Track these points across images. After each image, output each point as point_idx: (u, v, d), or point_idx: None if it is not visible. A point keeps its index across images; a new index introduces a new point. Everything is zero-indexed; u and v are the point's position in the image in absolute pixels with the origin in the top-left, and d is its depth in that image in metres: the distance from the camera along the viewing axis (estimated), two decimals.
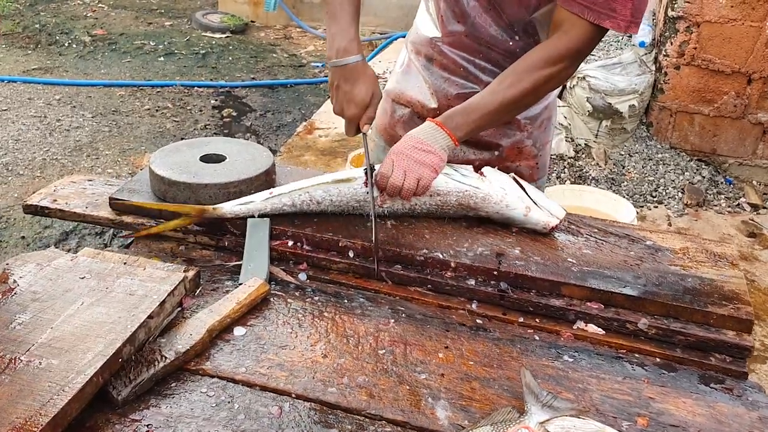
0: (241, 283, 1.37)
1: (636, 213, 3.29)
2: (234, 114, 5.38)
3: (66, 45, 6.56)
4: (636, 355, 1.30)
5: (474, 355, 1.26)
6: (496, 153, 1.75)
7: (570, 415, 1.09)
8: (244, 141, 1.80)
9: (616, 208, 3.31)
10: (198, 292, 1.37)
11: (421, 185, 1.47)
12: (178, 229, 1.53)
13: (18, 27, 6.84)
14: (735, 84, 4.13)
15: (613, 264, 1.47)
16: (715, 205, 4.10)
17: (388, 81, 1.87)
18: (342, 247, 1.49)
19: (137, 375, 1.13)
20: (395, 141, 1.77)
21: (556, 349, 1.30)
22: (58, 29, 6.88)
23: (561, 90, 4.38)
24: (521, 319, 1.37)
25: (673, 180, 4.19)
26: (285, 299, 1.37)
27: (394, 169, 1.47)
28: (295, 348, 1.24)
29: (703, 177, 4.24)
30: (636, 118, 4.35)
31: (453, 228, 1.56)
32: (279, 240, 1.52)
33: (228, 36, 7.17)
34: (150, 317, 1.19)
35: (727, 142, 4.29)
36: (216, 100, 5.60)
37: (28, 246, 3.55)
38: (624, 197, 3.83)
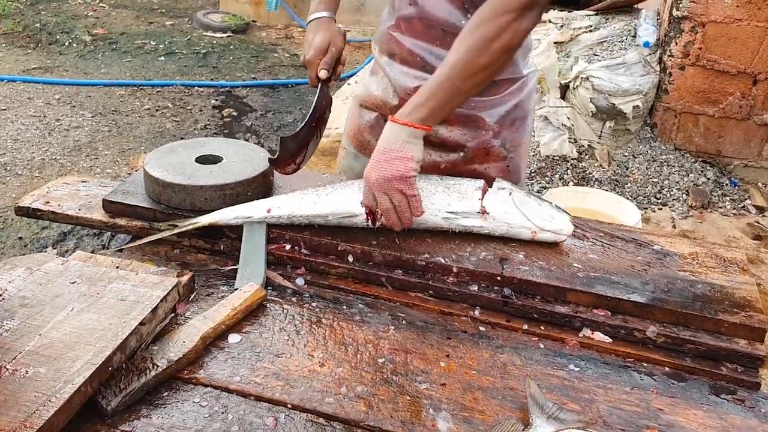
0: (237, 288, 1.33)
1: (640, 215, 3.25)
2: (234, 114, 5.34)
3: (66, 44, 6.52)
4: (644, 365, 1.26)
5: (477, 364, 1.22)
6: (461, 154, 1.68)
7: (576, 428, 1.06)
8: (241, 142, 1.76)
9: (620, 210, 3.27)
10: (192, 297, 1.33)
11: (408, 195, 1.38)
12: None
13: (18, 26, 6.81)
14: (740, 85, 4.09)
15: (620, 269, 1.43)
16: (720, 207, 4.05)
17: (357, 85, 1.85)
18: (341, 252, 1.45)
19: (128, 384, 1.09)
20: (364, 146, 1.79)
21: (561, 358, 1.26)
22: (58, 28, 6.85)
23: (564, 91, 4.35)
24: (525, 327, 1.33)
25: (678, 182, 4.15)
26: (282, 305, 1.34)
27: (375, 198, 1.40)
28: (292, 356, 1.20)
29: (708, 179, 4.20)
30: (640, 119, 4.30)
31: (455, 232, 1.52)
32: (276, 244, 1.48)
33: (229, 35, 7.14)
34: (142, 324, 1.16)
35: (733, 143, 4.25)
36: (216, 99, 5.57)
37: (25, 247, 3.52)
38: (628, 199, 3.79)
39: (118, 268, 1.33)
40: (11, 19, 6.94)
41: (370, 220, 1.46)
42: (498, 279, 1.39)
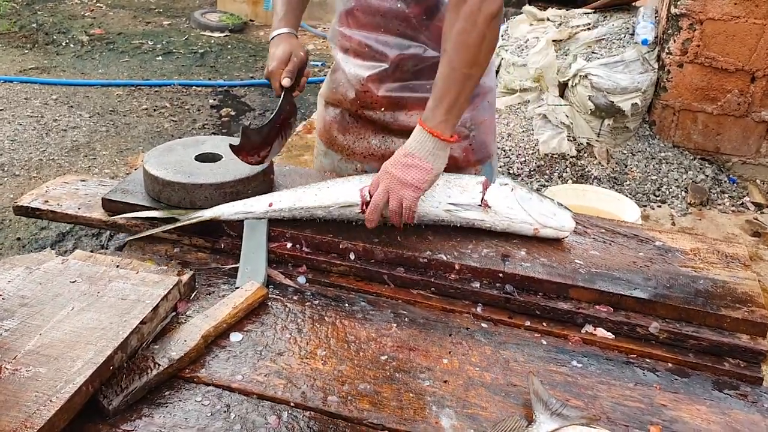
0: (238, 287, 1.33)
1: (640, 212, 3.25)
2: (232, 113, 5.33)
3: (63, 44, 6.51)
4: (647, 360, 1.25)
5: (479, 361, 1.21)
6: None
7: (580, 424, 1.05)
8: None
9: (619, 207, 3.26)
10: (193, 296, 1.33)
11: (405, 207, 1.40)
12: (172, 231, 1.48)
13: (15, 26, 6.80)
14: (738, 82, 4.09)
15: (622, 265, 1.42)
16: (719, 205, 4.05)
17: (323, 85, 1.89)
18: (343, 249, 1.45)
19: (129, 383, 1.08)
20: (331, 143, 1.82)
21: (564, 354, 1.25)
22: (55, 29, 6.84)
23: (562, 89, 4.34)
24: (528, 323, 1.33)
25: (677, 179, 4.15)
26: (283, 303, 1.33)
27: (379, 189, 1.41)
28: (294, 354, 1.19)
29: (707, 176, 4.19)
30: (639, 116, 4.30)
31: (457, 229, 1.51)
32: (277, 242, 1.47)
33: (227, 35, 7.13)
34: (143, 323, 1.15)
35: (731, 140, 4.25)
36: (214, 99, 5.56)
37: (23, 248, 3.51)
38: (627, 196, 3.79)
39: (118, 267, 1.32)
40: (8, 20, 6.93)
41: (363, 207, 1.46)
42: (500, 276, 1.38)
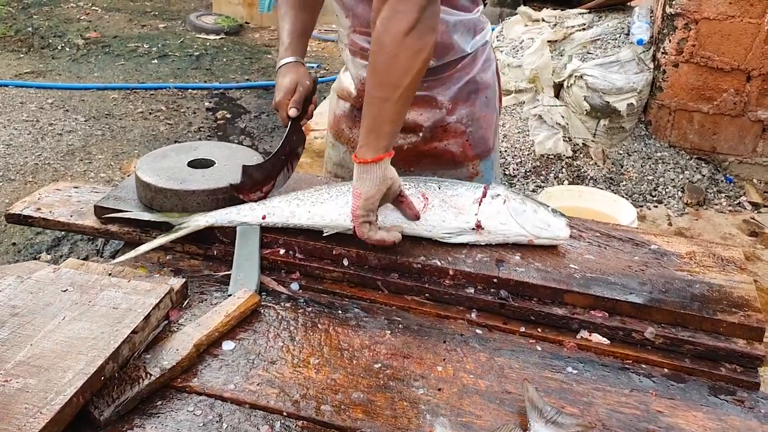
0: (231, 294, 1.32)
1: (636, 213, 3.24)
2: (228, 116, 5.32)
3: (59, 48, 6.50)
4: (643, 366, 1.25)
5: (474, 368, 1.21)
6: (420, 134, 1.72)
7: None
8: (233, 145, 1.75)
9: (616, 208, 3.25)
10: (185, 304, 1.32)
11: (371, 223, 1.39)
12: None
13: (10, 30, 6.78)
14: (734, 81, 4.08)
15: (617, 270, 1.42)
16: (716, 204, 4.05)
17: (336, 81, 1.93)
18: (336, 255, 1.44)
19: (120, 394, 1.07)
20: (339, 135, 1.88)
21: (559, 360, 1.24)
22: (50, 32, 6.82)
23: (558, 90, 4.34)
24: (522, 329, 1.32)
25: (673, 179, 4.14)
26: (276, 311, 1.32)
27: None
28: (287, 363, 1.18)
29: (703, 175, 4.19)
30: (634, 116, 4.29)
31: None
32: (270, 248, 1.46)
33: (222, 37, 7.12)
34: (134, 332, 1.14)
35: (727, 140, 4.24)
36: (210, 102, 5.55)
37: (19, 252, 3.50)
38: (623, 197, 3.78)
39: (110, 275, 1.31)
40: (3, 24, 6.91)
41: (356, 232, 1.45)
42: (494, 281, 1.37)
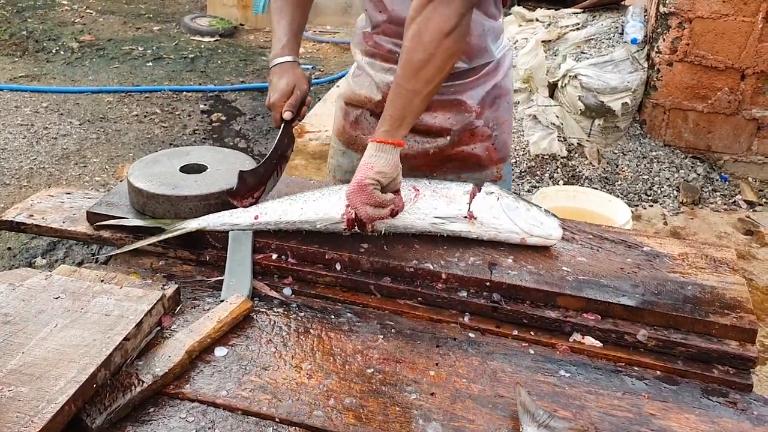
0: (223, 300, 1.32)
1: (631, 213, 3.24)
2: (223, 118, 5.31)
3: (53, 52, 6.48)
4: (635, 369, 1.25)
5: (467, 372, 1.21)
6: (448, 138, 1.72)
7: None
8: (226, 150, 1.74)
9: (610, 208, 3.25)
10: (178, 309, 1.32)
11: (373, 204, 1.40)
12: (157, 243, 1.47)
13: (4, 34, 6.76)
14: (728, 80, 4.09)
15: (610, 272, 1.42)
16: (711, 203, 4.05)
17: (340, 86, 1.89)
18: (328, 260, 1.44)
19: (113, 401, 1.07)
20: (351, 142, 1.85)
21: (552, 364, 1.24)
22: (45, 36, 6.81)
23: (552, 90, 4.34)
24: (515, 332, 1.32)
25: (668, 178, 4.15)
26: (269, 316, 1.32)
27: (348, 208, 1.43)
28: (279, 369, 1.18)
29: (698, 174, 4.19)
30: (629, 116, 4.30)
31: (443, 237, 1.50)
32: (262, 253, 1.46)
33: (217, 39, 7.10)
34: (126, 339, 1.14)
35: (722, 138, 4.24)
36: (205, 104, 5.54)
37: (14, 257, 3.49)
38: (618, 196, 3.79)
39: (102, 281, 1.31)
40: None
41: (349, 228, 1.46)
42: (487, 284, 1.37)
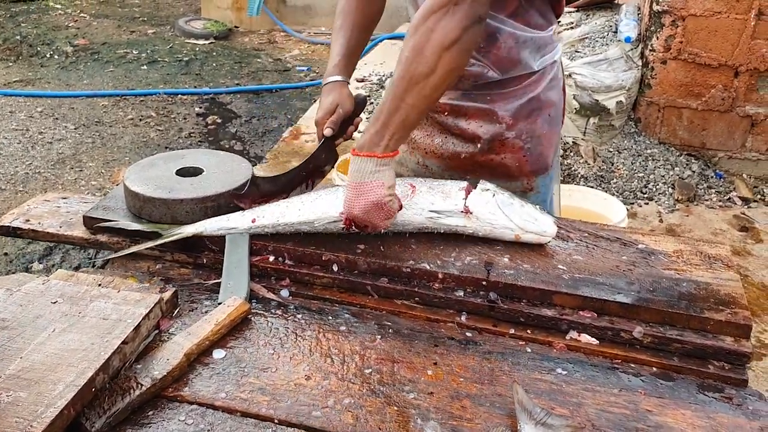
0: (221, 303, 1.32)
1: (626, 210, 3.25)
2: (219, 121, 5.31)
3: (47, 56, 6.48)
4: (632, 365, 1.26)
5: (464, 371, 1.21)
6: (479, 146, 1.71)
7: None
8: (222, 152, 1.75)
9: (606, 207, 3.26)
10: (176, 313, 1.32)
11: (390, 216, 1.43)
12: (154, 247, 1.48)
13: None
14: (722, 77, 4.10)
15: (605, 270, 1.43)
16: (706, 200, 4.06)
17: None
18: (325, 261, 1.45)
19: (112, 405, 1.07)
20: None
21: (548, 362, 1.25)
22: (39, 40, 6.80)
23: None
24: (512, 331, 1.33)
25: (663, 176, 4.16)
26: (266, 318, 1.32)
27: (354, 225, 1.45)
28: (278, 370, 1.19)
29: (693, 171, 4.21)
30: (624, 114, 4.31)
31: (440, 237, 1.51)
32: (259, 255, 1.47)
33: (211, 42, 7.11)
34: (124, 342, 1.14)
35: (716, 135, 4.26)
36: (200, 107, 5.54)
37: (11, 262, 3.49)
38: (614, 194, 3.80)
39: (100, 285, 1.31)
40: None
41: (347, 229, 1.47)
42: (483, 284, 1.38)
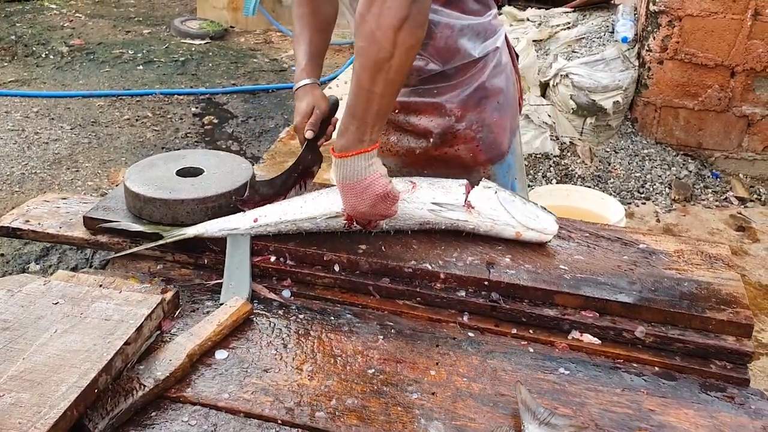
0: (222, 303, 1.32)
1: (624, 210, 3.26)
2: (215, 121, 5.30)
3: (43, 56, 6.45)
4: (634, 365, 1.26)
5: (467, 371, 1.21)
6: (431, 140, 1.71)
7: None
8: (222, 153, 1.74)
9: (604, 206, 3.27)
10: (177, 313, 1.32)
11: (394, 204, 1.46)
12: (155, 248, 1.47)
13: None
14: (718, 77, 4.11)
15: (607, 270, 1.43)
16: (703, 200, 4.07)
17: (331, 89, 1.91)
18: (327, 261, 1.44)
19: (114, 406, 1.07)
20: None
21: (551, 362, 1.25)
22: (34, 40, 6.77)
23: (544, 89, 4.36)
24: (514, 331, 1.33)
25: (660, 175, 4.17)
26: (268, 318, 1.32)
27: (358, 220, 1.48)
28: (280, 370, 1.19)
29: (690, 171, 4.22)
30: (620, 114, 4.32)
31: (441, 237, 1.51)
32: (261, 256, 1.46)
33: (207, 42, 7.09)
34: (127, 343, 1.14)
35: (713, 135, 4.27)
36: (197, 107, 5.52)
37: (7, 263, 3.47)
38: (611, 194, 3.81)
39: (101, 286, 1.31)
40: None
41: (349, 225, 1.49)
42: (485, 284, 1.38)
